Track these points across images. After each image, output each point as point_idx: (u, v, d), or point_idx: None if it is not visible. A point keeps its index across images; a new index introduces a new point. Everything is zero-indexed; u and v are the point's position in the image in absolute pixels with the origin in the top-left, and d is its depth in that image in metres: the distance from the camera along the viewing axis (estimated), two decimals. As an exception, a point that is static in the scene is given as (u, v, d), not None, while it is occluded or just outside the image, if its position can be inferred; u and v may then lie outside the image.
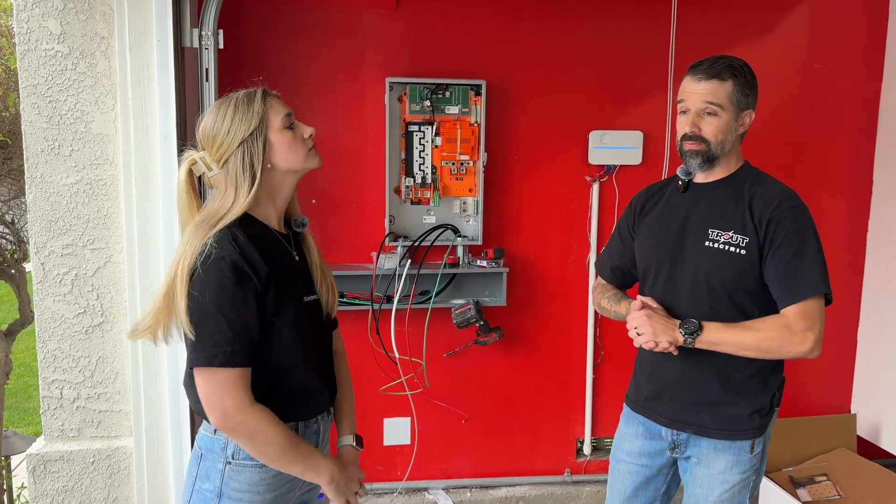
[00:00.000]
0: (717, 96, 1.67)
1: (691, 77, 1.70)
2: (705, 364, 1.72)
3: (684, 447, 1.80)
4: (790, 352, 1.63)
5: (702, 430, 1.76)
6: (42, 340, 2.29)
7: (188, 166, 1.46)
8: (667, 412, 1.80)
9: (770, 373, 1.75)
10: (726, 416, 1.73)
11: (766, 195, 1.69)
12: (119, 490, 2.37)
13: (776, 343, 1.62)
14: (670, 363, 1.77)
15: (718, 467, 1.75)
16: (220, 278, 1.34)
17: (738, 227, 1.68)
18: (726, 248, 1.68)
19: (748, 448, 1.74)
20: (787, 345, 1.62)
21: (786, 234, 1.64)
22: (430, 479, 3.04)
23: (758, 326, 1.64)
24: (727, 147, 1.70)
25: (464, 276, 2.90)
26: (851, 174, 3.12)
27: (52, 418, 2.34)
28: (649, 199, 1.91)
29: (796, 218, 1.66)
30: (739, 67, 1.69)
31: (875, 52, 3.04)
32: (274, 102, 1.47)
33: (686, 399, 1.76)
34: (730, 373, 1.71)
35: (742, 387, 1.72)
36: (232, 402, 1.36)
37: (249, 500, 1.46)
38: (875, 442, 3.08)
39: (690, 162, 1.72)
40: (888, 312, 3.03)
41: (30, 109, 2.19)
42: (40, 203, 2.23)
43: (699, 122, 1.68)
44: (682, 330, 1.64)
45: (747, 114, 1.72)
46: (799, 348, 1.62)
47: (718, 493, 1.75)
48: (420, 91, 2.73)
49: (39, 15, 2.15)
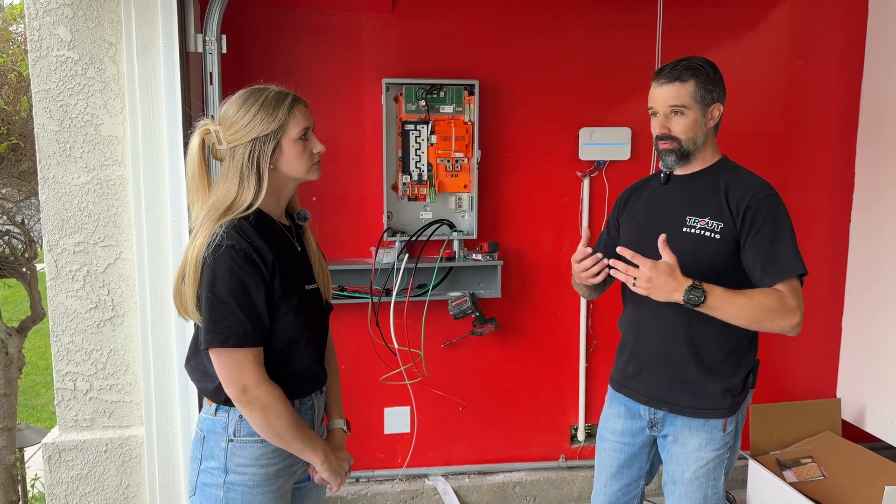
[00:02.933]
0: (680, 98, 1.77)
1: (656, 83, 1.81)
2: (681, 344, 1.81)
3: (661, 425, 1.90)
4: (780, 324, 1.68)
5: (676, 408, 1.85)
6: (56, 335, 2.38)
7: (202, 136, 1.52)
8: (646, 391, 1.90)
9: (744, 354, 1.84)
10: (700, 395, 1.82)
11: (742, 185, 1.79)
12: (131, 477, 2.46)
13: (773, 313, 1.67)
14: (647, 343, 1.88)
15: (693, 444, 1.84)
16: (231, 265, 1.43)
17: (713, 214, 1.78)
18: (702, 234, 1.78)
19: (720, 426, 1.83)
20: (778, 316, 1.67)
21: (764, 220, 1.74)
22: (430, 466, 3.14)
23: (756, 296, 1.68)
24: (699, 141, 1.81)
25: (460, 269, 2.99)
26: (834, 166, 3.21)
27: (66, 409, 2.42)
28: (633, 192, 2.03)
29: (772, 206, 1.76)
30: (699, 66, 1.78)
31: (855, 49, 3.13)
32: (298, 113, 1.53)
33: (663, 378, 1.86)
34: (703, 353, 1.81)
35: (715, 367, 1.81)
36: (250, 378, 1.46)
37: (254, 473, 1.54)
38: (859, 425, 3.17)
39: (666, 160, 1.84)
40: (871, 300, 3.12)
41: (42, 113, 2.27)
42: (53, 203, 2.32)
43: (668, 122, 1.79)
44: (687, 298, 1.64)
45: (715, 107, 1.81)
46: (788, 321, 1.68)
47: (694, 468, 1.85)
48: (415, 91, 2.82)
49: (50, 23, 2.24)
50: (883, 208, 3.04)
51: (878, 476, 2.77)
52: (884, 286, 3.04)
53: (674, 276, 1.65)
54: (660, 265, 1.65)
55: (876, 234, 3.09)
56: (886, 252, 3.02)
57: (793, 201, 3.16)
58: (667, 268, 1.65)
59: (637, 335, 1.91)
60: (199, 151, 1.53)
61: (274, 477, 1.57)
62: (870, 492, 2.69)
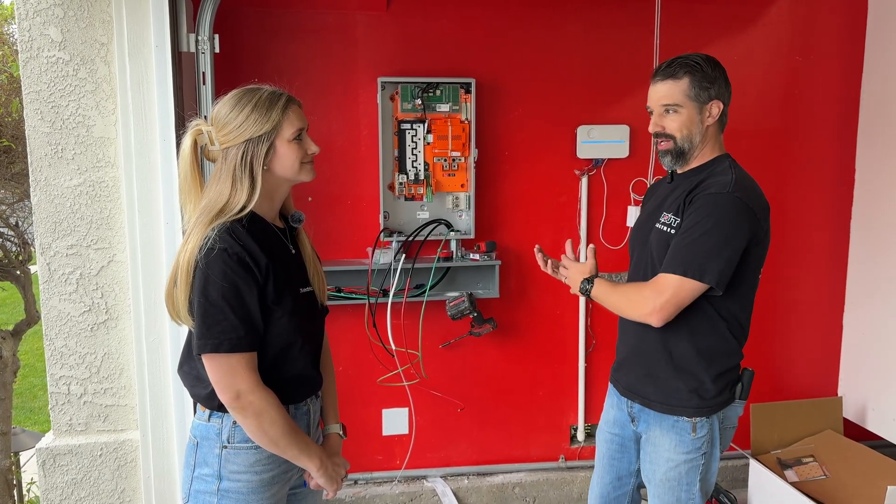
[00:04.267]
0: (672, 96, 1.76)
1: (652, 81, 1.82)
2: (650, 338, 1.83)
3: (637, 420, 1.92)
4: (638, 314, 1.76)
5: (646, 401, 1.87)
6: (49, 338, 2.36)
7: (194, 136, 1.49)
8: (625, 382, 1.95)
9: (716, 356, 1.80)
10: (667, 390, 1.83)
11: (707, 181, 1.76)
12: (126, 481, 2.44)
13: (629, 306, 1.79)
14: (627, 336, 1.94)
15: (664, 445, 1.85)
16: (224, 269, 1.41)
17: (675, 210, 1.79)
18: (663, 229, 1.80)
19: (689, 429, 1.80)
20: (633, 309, 1.77)
21: (690, 214, 1.72)
22: (429, 468, 3.12)
23: (623, 290, 1.82)
24: (696, 139, 1.78)
25: (457, 269, 2.97)
26: (834, 164, 3.19)
27: (60, 413, 2.40)
28: (650, 189, 2.08)
29: (709, 203, 1.70)
30: (695, 63, 1.76)
31: (855, 44, 3.11)
32: (292, 113, 1.51)
33: (638, 370, 1.89)
34: (671, 349, 1.81)
35: (683, 363, 1.80)
36: (244, 383, 1.44)
37: (248, 480, 1.52)
38: (861, 424, 3.16)
39: (663, 160, 1.85)
40: (873, 298, 3.10)
41: (33, 115, 2.25)
42: (45, 205, 2.30)
43: (661, 120, 1.80)
44: (580, 287, 1.87)
45: (713, 104, 1.77)
46: (637, 311, 1.76)
47: (664, 470, 1.85)
48: (411, 90, 2.80)
49: (41, 23, 2.21)
50: (884, 205, 3.02)
51: (880, 475, 2.76)
52: (885, 283, 3.02)
53: (581, 272, 1.88)
54: (576, 265, 1.91)
55: (877, 231, 3.07)
56: (887, 249, 3.00)
57: (793, 199, 3.19)
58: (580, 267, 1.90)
59: (622, 329, 1.99)
60: (191, 152, 1.50)
61: (269, 484, 1.55)
62: (872, 491, 2.68)
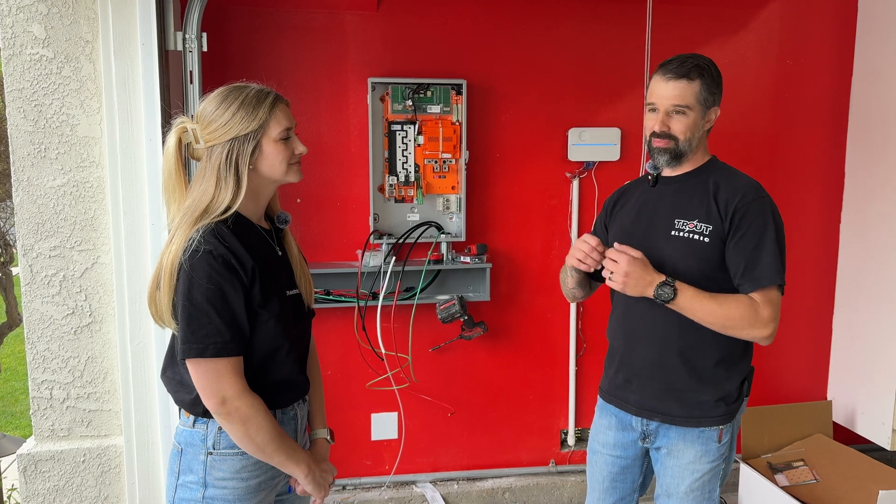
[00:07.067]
0: (685, 98, 1.72)
1: (661, 76, 1.74)
2: (672, 352, 1.77)
3: (654, 437, 1.84)
4: (750, 333, 1.68)
5: (669, 418, 1.79)
6: (31, 342, 2.31)
7: (178, 134, 1.46)
8: (637, 401, 1.84)
9: (737, 361, 1.79)
10: (692, 404, 1.77)
11: (732, 186, 1.75)
12: (110, 488, 2.40)
13: (743, 322, 1.66)
14: (640, 350, 1.82)
15: (688, 457, 1.79)
16: (209, 272, 1.38)
17: (701, 216, 1.74)
18: (691, 237, 1.74)
19: (716, 437, 1.78)
20: (749, 325, 1.67)
21: (750, 224, 1.70)
22: (418, 473, 3.09)
23: (728, 302, 1.68)
24: (695, 143, 1.76)
25: (448, 272, 2.95)
26: (824, 167, 3.20)
27: (42, 419, 2.36)
28: (622, 195, 1.98)
29: (761, 209, 1.71)
30: (706, 67, 1.74)
31: (845, 48, 3.12)
32: (280, 112, 1.47)
33: (654, 386, 1.80)
34: (695, 360, 1.76)
35: (707, 374, 1.77)
36: (230, 389, 1.40)
37: (234, 487, 1.49)
38: (850, 428, 3.16)
39: (658, 158, 1.78)
40: (862, 302, 3.10)
41: (15, 113, 2.21)
42: (27, 206, 2.25)
43: (668, 121, 1.74)
44: (657, 293, 1.68)
45: (713, 111, 1.77)
46: (760, 332, 1.68)
47: (689, 482, 1.80)
48: (402, 91, 2.77)
49: (24, 20, 2.18)
50: (873, 209, 3.03)
51: (870, 479, 2.76)
52: (874, 287, 3.02)
53: (647, 270, 1.69)
54: (637, 261, 1.69)
55: (866, 235, 3.07)
56: (877, 253, 3.01)
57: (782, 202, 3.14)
58: (643, 263, 1.70)
59: (626, 343, 1.86)
60: (175, 150, 1.47)
61: (255, 490, 1.51)
62: (862, 495, 2.68)
